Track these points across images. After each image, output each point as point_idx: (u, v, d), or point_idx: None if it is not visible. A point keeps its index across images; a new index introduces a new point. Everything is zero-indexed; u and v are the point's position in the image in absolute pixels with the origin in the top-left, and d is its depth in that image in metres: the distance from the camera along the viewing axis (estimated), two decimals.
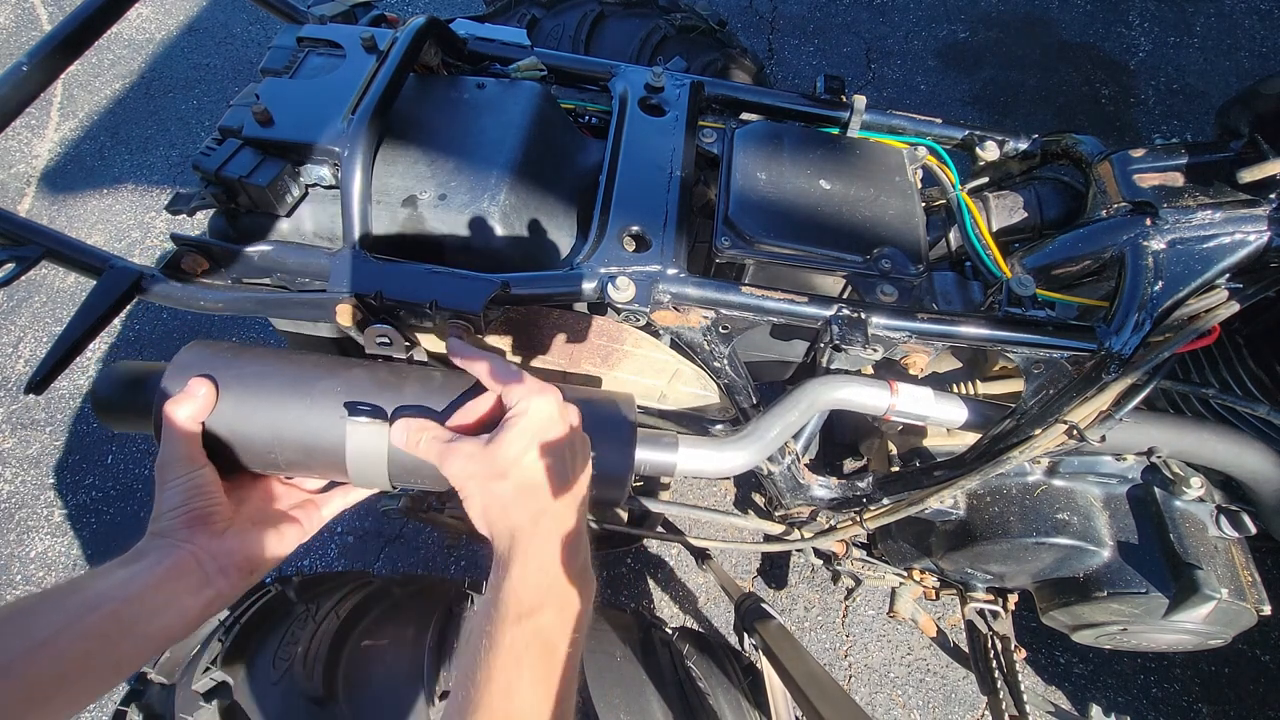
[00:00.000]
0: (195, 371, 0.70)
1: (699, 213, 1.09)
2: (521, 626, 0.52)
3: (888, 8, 3.08)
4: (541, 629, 0.53)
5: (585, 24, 1.57)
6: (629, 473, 0.78)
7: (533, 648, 0.52)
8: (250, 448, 0.70)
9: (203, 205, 0.89)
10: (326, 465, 0.71)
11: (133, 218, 2.59)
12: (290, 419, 0.69)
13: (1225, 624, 1.04)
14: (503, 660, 0.51)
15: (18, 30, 3.12)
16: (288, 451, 0.70)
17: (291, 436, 0.69)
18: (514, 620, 0.52)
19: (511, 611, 0.53)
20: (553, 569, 0.56)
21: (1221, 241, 0.88)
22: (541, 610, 0.54)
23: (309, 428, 0.69)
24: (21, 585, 1.94)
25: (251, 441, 0.70)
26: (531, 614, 0.53)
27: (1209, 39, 2.91)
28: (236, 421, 0.69)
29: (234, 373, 0.70)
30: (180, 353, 0.73)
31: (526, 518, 0.58)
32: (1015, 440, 0.92)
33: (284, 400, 0.70)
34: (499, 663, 0.51)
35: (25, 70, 0.80)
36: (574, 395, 0.82)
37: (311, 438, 0.69)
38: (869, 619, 1.89)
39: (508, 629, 0.52)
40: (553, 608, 0.54)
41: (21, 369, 2.28)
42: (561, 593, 0.56)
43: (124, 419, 0.78)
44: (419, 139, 0.93)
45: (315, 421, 0.69)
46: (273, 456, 0.70)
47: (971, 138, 1.15)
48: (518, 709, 0.50)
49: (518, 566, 0.55)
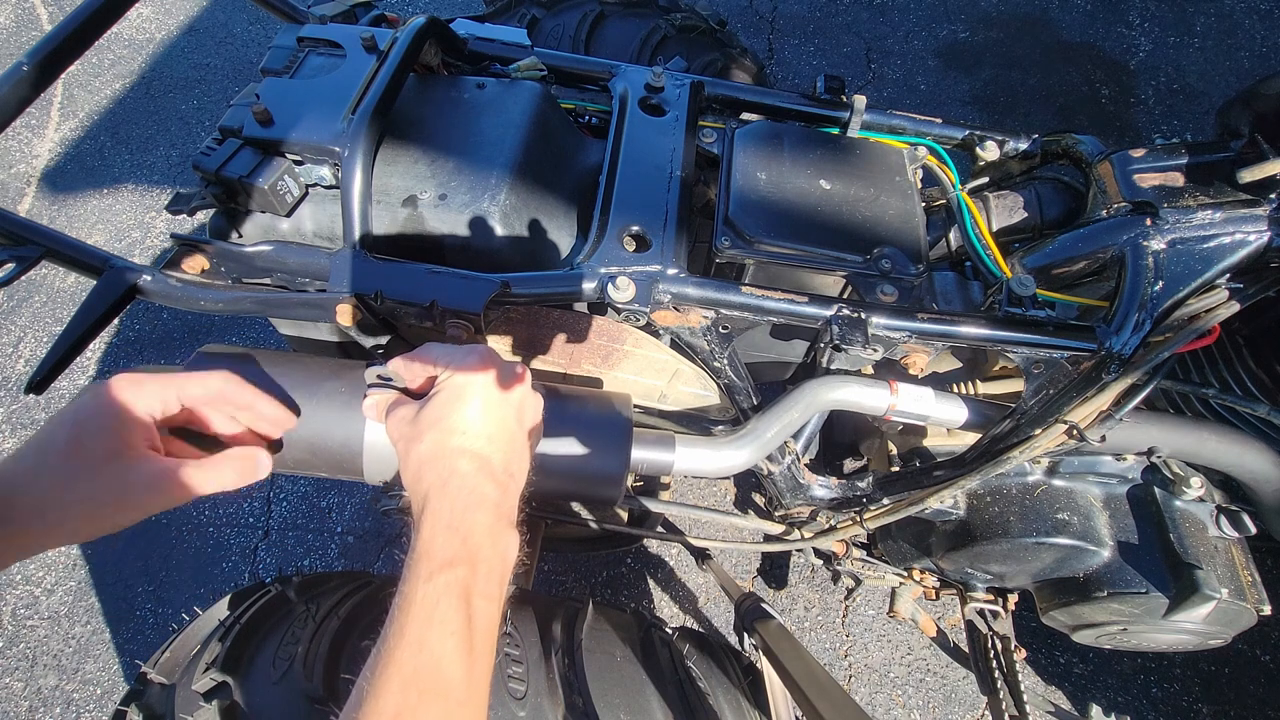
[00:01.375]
0: None
1: (699, 213, 1.09)
2: (433, 583, 0.52)
3: (888, 8, 3.08)
4: (452, 584, 0.53)
5: (585, 24, 1.57)
6: (624, 472, 0.79)
7: (443, 602, 0.52)
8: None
9: (203, 205, 0.89)
10: (333, 463, 0.74)
11: (133, 218, 2.59)
12: (299, 419, 0.70)
13: (1225, 624, 1.04)
14: (414, 614, 0.51)
15: (18, 30, 3.12)
16: (296, 451, 0.72)
17: (299, 436, 0.71)
18: (425, 578, 0.53)
19: (423, 570, 0.53)
20: (464, 527, 0.56)
21: (1221, 241, 0.88)
22: (452, 566, 0.54)
23: (316, 428, 0.71)
24: (21, 585, 1.94)
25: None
26: (442, 569, 0.53)
27: (1209, 39, 2.91)
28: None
29: (243, 376, 0.72)
30: (191, 358, 0.75)
31: (436, 479, 0.58)
32: (1015, 440, 0.92)
33: (292, 402, 0.72)
34: (410, 617, 0.51)
35: (25, 70, 0.81)
36: (569, 396, 0.82)
37: (319, 438, 0.72)
38: (869, 619, 1.89)
39: (419, 586, 0.52)
40: (464, 564, 0.54)
41: (21, 369, 2.28)
42: (474, 550, 0.55)
43: None
44: (419, 139, 0.93)
45: (322, 421, 0.71)
46: (280, 456, 0.72)
47: (971, 138, 1.15)
48: (428, 662, 0.49)
49: (427, 527, 0.56)
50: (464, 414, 0.62)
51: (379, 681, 0.48)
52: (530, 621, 0.98)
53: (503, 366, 0.67)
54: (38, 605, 1.92)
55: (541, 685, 0.87)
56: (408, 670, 0.49)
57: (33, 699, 1.79)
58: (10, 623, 1.89)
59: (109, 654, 1.85)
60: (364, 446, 0.73)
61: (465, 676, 0.51)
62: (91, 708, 1.78)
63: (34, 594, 1.93)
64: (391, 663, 0.49)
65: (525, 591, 1.20)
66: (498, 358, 0.68)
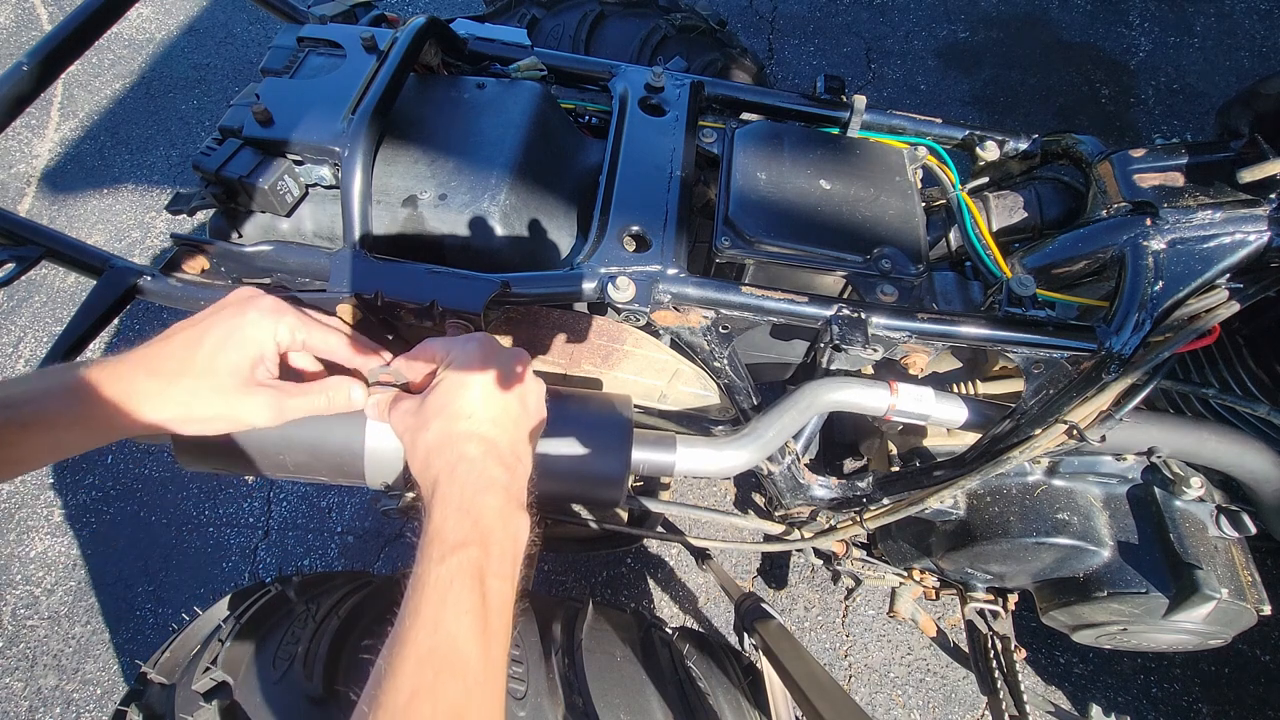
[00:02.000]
0: None
1: (699, 213, 1.09)
2: (445, 564, 0.53)
3: (888, 8, 3.08)
4: (465, 564, 0.53)
5: (585, 24, 1.57)
6: (625, 473, 0.79)
7: (457, 582, 0.52)
8: (261, 449, 0.73)
9: (203, 205, 0.89)
10: (334, 467, 0.74)
11: (133, 218, 2.59)
12: (299, 422, 0.71)
13: (1225, 624, 1.04)
14: (428, 595, 0.51)
15: (18, 30, 3.12)
16: (296, 454, 0.73)
17: (300, 439, 0.72)
18: (438, 560, 0.53)
19: (435, 552, 0.54)
20: (474, 510, 0.56)
21: (1221, 241, 0.88)
22: (465, 547, 0.54)
23: (317, 432, 0.72)
24: (21, 585, 1.94)
25: (262, 443, 0.72)
26: (454, 551, 0.54)
27: (1209, 39, 2.91)
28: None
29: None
30: None
31: (444, 465, 0.59)
32: (1015, 440, 0.92)
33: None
34: (425, 598, 0.51)
35: (25, 70, 0.81)
36: (569, 397, 0.82)
37: (320, 441, 0.72)
38: (869, 619, 1.89)
39: (432, 568, 0.53)
40: (476, 545, 0.54)
41: (21, 369, 2.28)
42: (486, 531, 0.56)
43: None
44: (419, 139, 0.93)
45: (324, 425, 0.72)
46: (282, 459, 0.73)
47: (971, 138, 1.15)
48: (443, 641, 0.49)
49: (438, 511, 0.56)
50: (468, 399, 0.62)
51: (395, 661, 0.48)
52: (530, 621, 0.98)
53: (503, 352, 0.68)
54: (38, 605, 1.92)
55: (541, 685, 0.87)
56: (424, 649, 0.49)
57: (33, 699, 1.79)
58: (10, 623, 1.89)
59: (109, 654, 1.85)
60: (365, 450, 0.73)
61: (482, 655, 0.51)
62: (91, 708, 1.78)
63: (34, 594, 1.93)
64: (408, 643, 0.49)
65: (525, 591, 1.20)
66: (497, 344, 0.68)
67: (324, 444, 0.73)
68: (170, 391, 0.61)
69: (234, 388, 0.62)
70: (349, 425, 0.73)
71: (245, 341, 0.63)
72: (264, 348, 0.64)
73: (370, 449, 0.73)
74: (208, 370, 0.61)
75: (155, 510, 2.04)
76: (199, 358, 0.61)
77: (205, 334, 0.62)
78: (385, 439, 0.73)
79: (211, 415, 0.63)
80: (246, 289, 0.68)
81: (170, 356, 0.62)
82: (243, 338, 0.63)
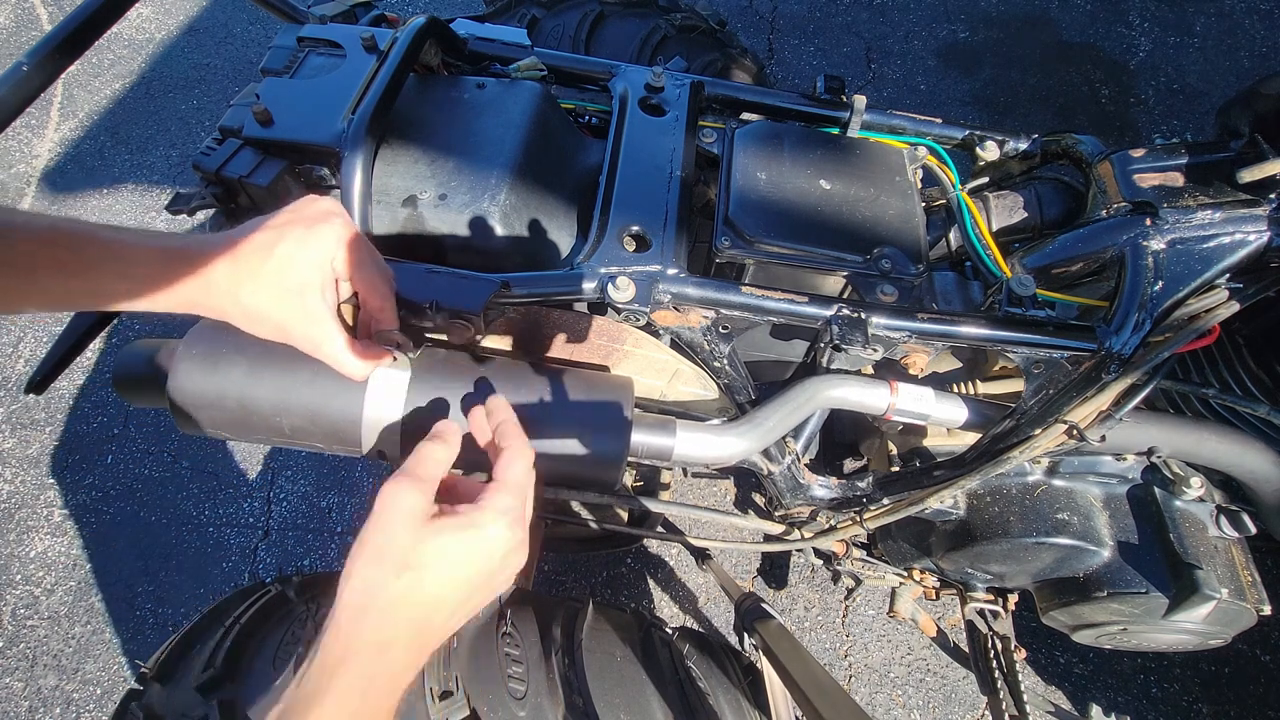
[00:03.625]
0: (207, 346, 0.74)
1: (699, 213, 1.09)
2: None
3: (888, 8, 3.08)
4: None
5: (585, 24, 1.57)
6: (624, 452, 0.79)
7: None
8: (259, 412, 0.73)
9: (203, 205, 0.89)
10: (331, 433, 0.74)
11: (133, 218, 2.59)
12: (298, 385, 0.72)
13: (1225, 624, 1.04)
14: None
15: (18, 30, 3.12)
16: (294, 418, 0.73)
17: (299, 403, 0.73)
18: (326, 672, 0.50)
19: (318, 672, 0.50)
20: (370, 697, 0.51)
21: (1221, 241, 0.88)
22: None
23: (316, 395, 0.73)
24: (21, 585, 1.94)
25: (259, 406, 0.73)
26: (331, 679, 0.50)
27: (1209, 39, 2.91)
28: (246, 388, 0.73)
29: (243, 344, 0.73)
30: (192, 330, 0.76)
31: (374, 641, 0.52)
32: (1015, 440, 0.92)
33: (293, 368, 0.73)
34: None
35: (25, 70, 0.81)
36: (571, 376, 0.82)
37: (319, 405, 0.73)
38: (869, 619, 1.89)
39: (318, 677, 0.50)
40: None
41: (21, 369, 2.28)
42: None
43: (142, 394, 0.81)
44: (419, 139, 0.93)
45: (322, 389, 0.73)
46: (279, 422, 0.73)
47: (971, 138, 1.15)
48: None
49: (331, 656, 0.51)
50: (459, 584, 0.57)
51: None
52: (530, 621, 0.98)
53: (523, 543, 0.61)
54: (38, 605, 1.92)
55: (541, 685, 0.87)
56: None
57: (33, 699, 1.79)
58: (10, 623, 1.89)
59: (109, 654, 1.86)
60: (363, 418, 0.74)
61: None
62: (91, 708, 1.78)
63: (34, 594, 1.93)
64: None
65: (525, 591, 1.20)
66: (527, 527, 0.63)
67: (324, 409, 0.73)
68: (242, 287, 0.62)
69: (298, 304, 0.63)
70: (349, 391, 0.73)
71: (312, 263, 0.63)
72: (324, 273, 0.65)
73: (368, 417, 0.73)
74: (277, 275, 0.62)
75: (155, 510, 2.04)
76: (270, 263, 0.62)
77: (279, 240, 0.63)
78: (384, 408, 0.73)
79: (273, 319, 0.63)
80: (327, 201, 0.67)
81: (252, 254, 0.62)
82: (309, 259, 0.63)
